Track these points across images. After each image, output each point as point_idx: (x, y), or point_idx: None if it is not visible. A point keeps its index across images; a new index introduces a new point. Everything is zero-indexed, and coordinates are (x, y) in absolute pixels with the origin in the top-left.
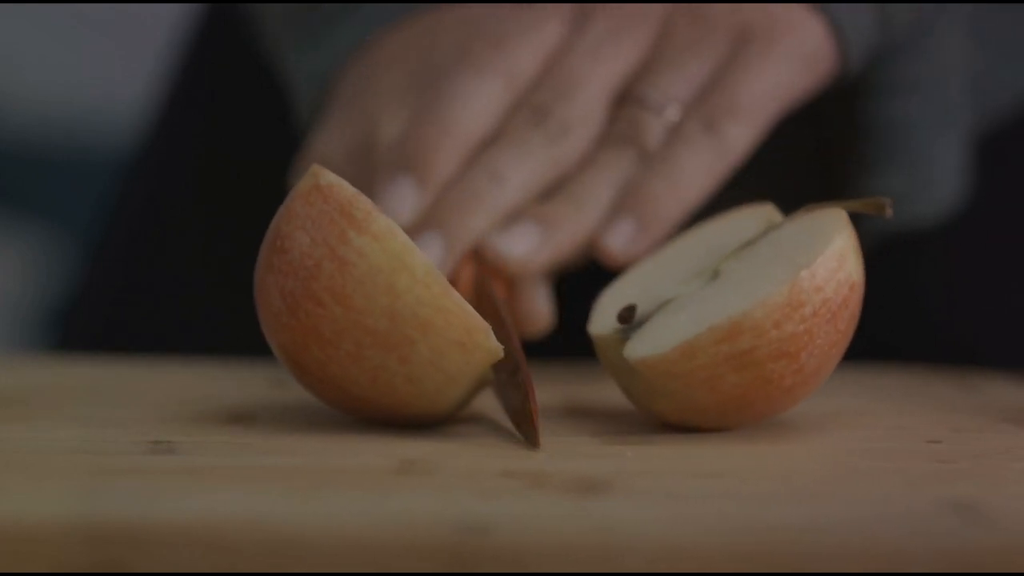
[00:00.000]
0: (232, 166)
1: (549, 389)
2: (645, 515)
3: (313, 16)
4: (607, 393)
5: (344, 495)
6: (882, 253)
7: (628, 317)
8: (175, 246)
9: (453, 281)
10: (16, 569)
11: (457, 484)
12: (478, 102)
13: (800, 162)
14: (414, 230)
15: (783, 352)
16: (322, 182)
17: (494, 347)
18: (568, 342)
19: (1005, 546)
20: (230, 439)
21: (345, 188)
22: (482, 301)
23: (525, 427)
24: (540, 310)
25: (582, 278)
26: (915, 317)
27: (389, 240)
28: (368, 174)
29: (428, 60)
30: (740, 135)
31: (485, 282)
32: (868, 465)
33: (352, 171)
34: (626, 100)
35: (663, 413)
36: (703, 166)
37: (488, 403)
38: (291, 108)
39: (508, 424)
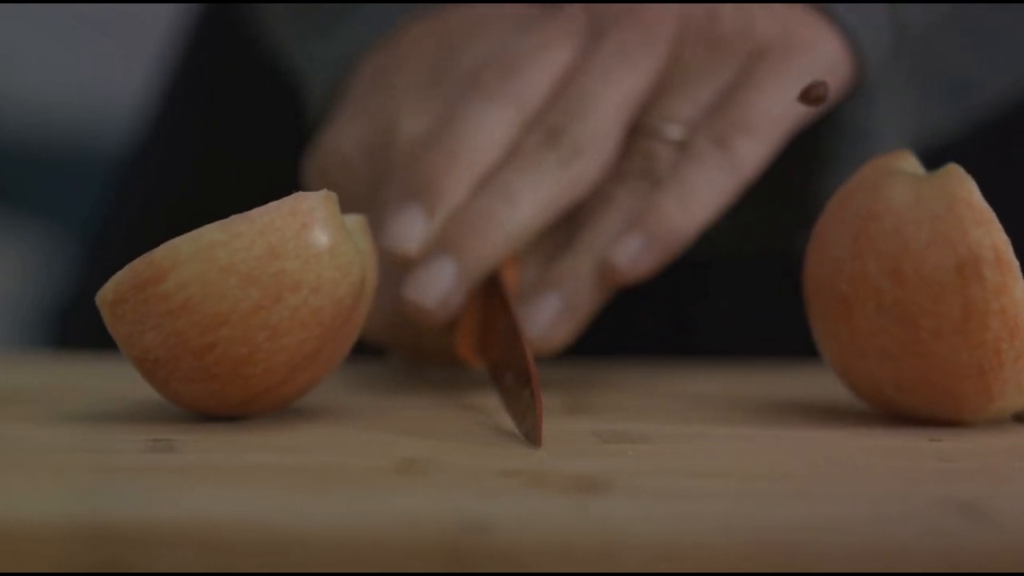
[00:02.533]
0: (232, 164)
1: (549, 388)
2: (645, 514)
3: (319, 14)
4: (607, 392)
5: (343, 494)
6: None
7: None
8: None
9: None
10: (15, 568)
11: (456, 483)
12: (487, 128)
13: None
14: (426, 256)
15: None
16: (109, 296)
17: (324, 197)
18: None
19: (1008, 546)
20: (230, 437)
21: (124, 274)
22: (492, 302)
23: (528, 424)
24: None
25: None
26: None
27: (185, 250)
28: (383, 171)
29: (445, 60)
30: (752, 151)
31: (496, 283)
32: (869, 463)
33: (366, 168)
34: (641, 132)
35: (879, 232)
36: (714, 183)
37: (488, 402)
38: (291, 106)
39: (508, 424)
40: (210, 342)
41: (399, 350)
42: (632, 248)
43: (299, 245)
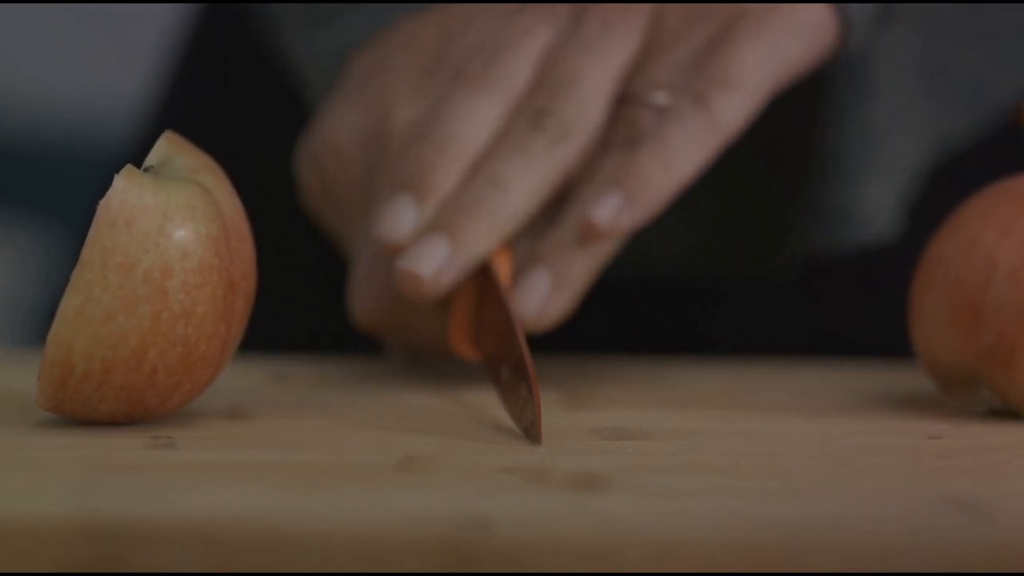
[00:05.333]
0: (232, 163)
1: (549, 385)
2: (645, 511)
3: (322, 7)
4: (605, 387)
5: (344, 491)
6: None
7: None
8: None
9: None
10: (16, 566)
11: (457, 480)
12: (474, 117)
13: (758, 163)
14: (419, 237)
15: None
16: (48, 405)
17: (123, 181)
18: (568, 337)
19: (1007, 543)
20: (230, 434)
21: (41, 384)
22: (486, 294)
23: (527, 421)
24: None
25: None
26: None
27: (65, 332)
28: (377, 160)
29: (439, 52)
30: (732, 108)
31: (490, 274)
32: (869, 461)
33: (360, 156)
34: (626, 101)
35: None
36: (693, 141)
37: (487, 397)
38: (293, 104)
39: (508, 420)
40: (150, 370)
41: (393, 339)
42: (611, 205)
43: (140, 241)
